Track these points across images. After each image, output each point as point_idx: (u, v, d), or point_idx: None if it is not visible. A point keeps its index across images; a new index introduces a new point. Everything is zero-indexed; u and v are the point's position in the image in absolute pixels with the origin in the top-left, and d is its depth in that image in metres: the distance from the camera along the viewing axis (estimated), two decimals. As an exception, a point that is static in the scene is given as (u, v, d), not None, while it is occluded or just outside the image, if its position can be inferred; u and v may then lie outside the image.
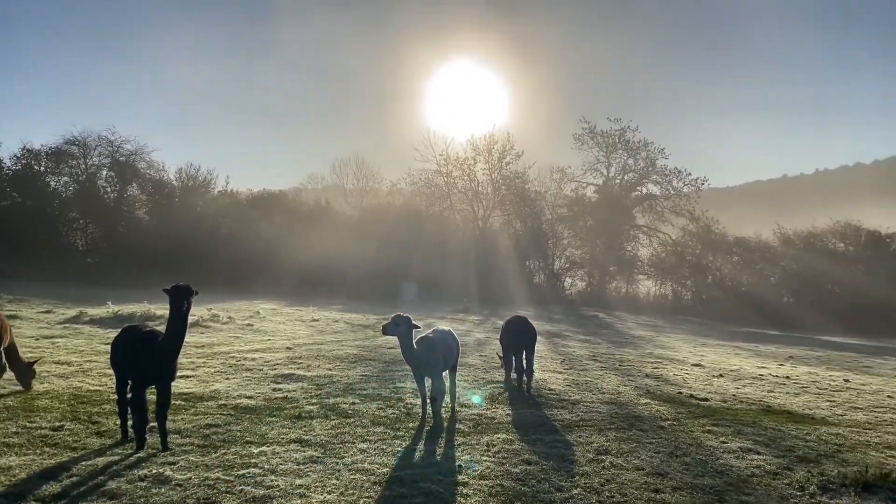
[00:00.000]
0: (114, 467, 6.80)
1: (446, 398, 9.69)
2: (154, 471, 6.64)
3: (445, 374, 9.64)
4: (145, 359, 7.42)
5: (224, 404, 9.85)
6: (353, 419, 9.23)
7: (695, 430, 9.43)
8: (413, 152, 50.61)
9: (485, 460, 7.53)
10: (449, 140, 50.58)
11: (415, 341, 9.01)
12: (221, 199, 49.94)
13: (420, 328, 9.29)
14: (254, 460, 7.14)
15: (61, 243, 45.07)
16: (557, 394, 11.81)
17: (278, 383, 11.64)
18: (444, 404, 9.51)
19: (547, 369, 14.56)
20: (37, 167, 46.42)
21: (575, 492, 6.60)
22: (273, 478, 6.61)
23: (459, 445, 8.15)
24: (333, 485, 6.50)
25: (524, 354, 12.01)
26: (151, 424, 7.71)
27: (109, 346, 8.24)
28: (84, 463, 6.88)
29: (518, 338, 12.12)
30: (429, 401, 9.26)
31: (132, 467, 6.80)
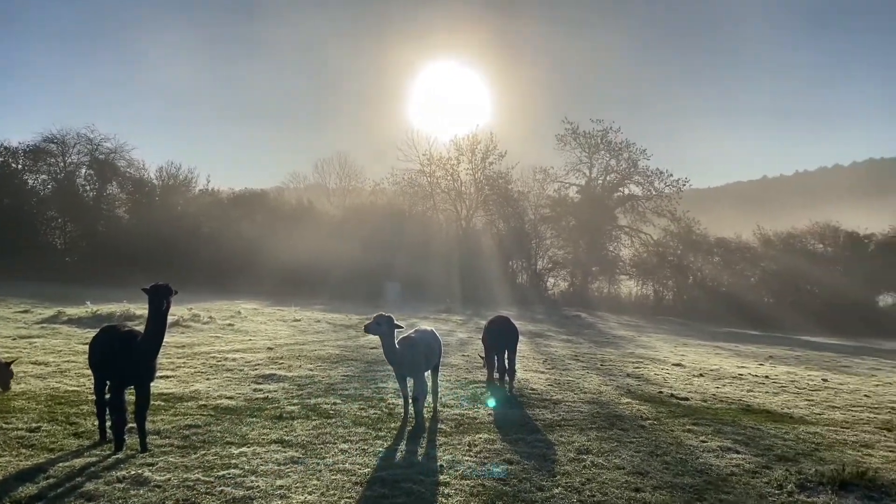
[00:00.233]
0: (91, 469, 6.74)
1: (428, 398, 9.70)
2: (133, 472, 6.58)
3: (428, 374, 9.64)
4: (124, 359, 7.34)
5: (204, 405, 9.79)
6: (334, 419, 9.20)
7: (675, 430, 9.49)
8: (396, 152, 50.54)
9: (466, 460, 7.54)
10: (432, 140, 50.70)
11: (397, 341, 9.00)
12: (202, 198, 49.68)
13: (403, 328, 9.29)
14: (234, 461, 7.09)
15: (39, 242, 44.61)
16: (539, 393, 11.84)
17: (259, 384, 11.58)
18: (426, 404, 9.51)
19: (529, 369, 14.60)
20: (14, 165, 45.95)
21: (556, 491, 6.62)
22: (253, 479, 6.58)
23: (441, 445, 8.15)
24: (314, 485, 6.48)
25: (506, 354, 12.04)
26: (130, 425, 7.64)
27: (88, 347, 8.14)
28: (61, 464, 6.80)
29: (500, 338, 12.14)
30: (411, 401, 9.25)
31: (110, 468, 6.74)
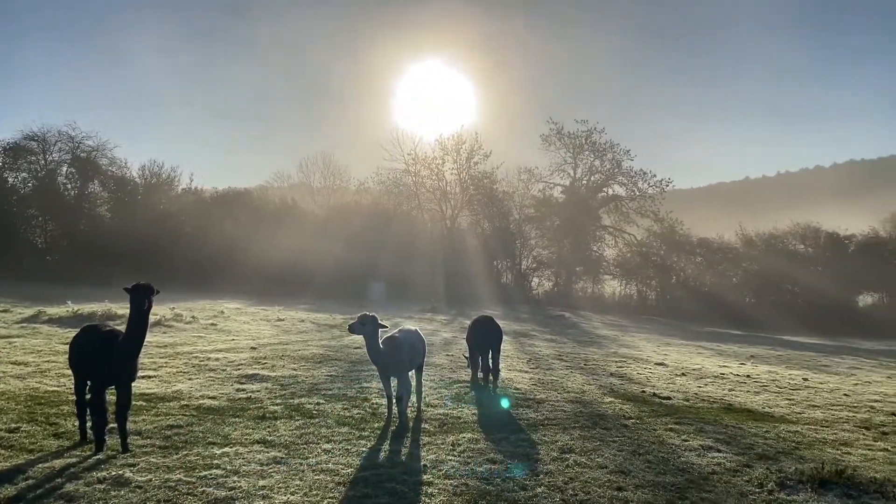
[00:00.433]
0: (71, 469, 6.68)
1: (412, 398, 9.69)
2: (113, 473, 6.53)
3: (412, 373, 9.64)
4: (105, 359, 7.28)
5: (186, 405, 9.73)
6: (317, 419, 9.18)
7: (657, 429, 9.56)
8: (381, 151, 50.43)
9: (450, 459, 7.54)
10: (417, 139, 50.68)
11: (381, 341, 8.99)
12: (185, 197, 49.33)
13: (387, 328, 9.28)
14: (216, 461, 7.06)
15: (19, 241, 44.07)
16: (523, 393, 11.88)
17: (242, 383, 11.52)
18: (410, 404, 9.51)
19: (513, 368, 14.64)
20: (-6, 163, 45.35)
21: (539, 490, 6.65)
22: (236, 479, 6.55)
23: (425, 445, 8.15)
24: (297, 485, 6.46)
25: (490, 354, 12.06)
26: (111, 426, 7.57)
27: (68, 346, 8.07)
28: (41, 465, 6.74)
29: (484, 337, 12.15)
30: (395, 401, 9.24)
31: (91, 469, 6.68)
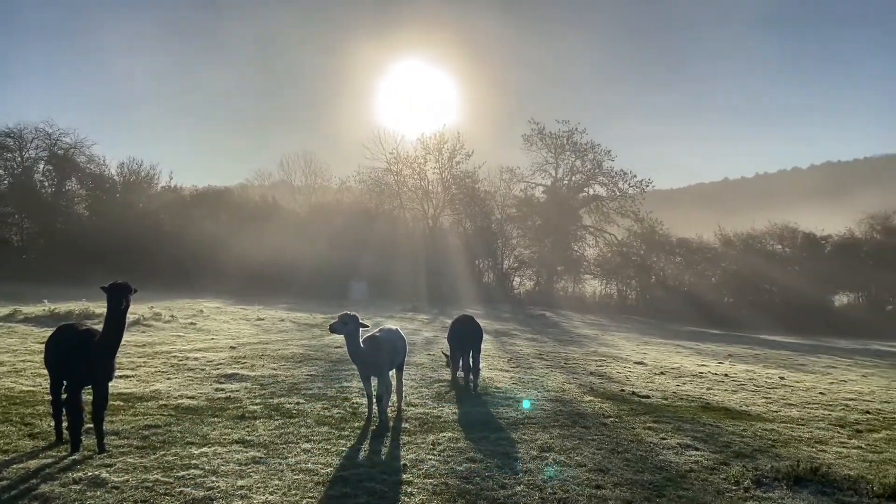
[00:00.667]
0: (47, 470, 6.60)
1: (393, 397, 9.69)
2: (89, 473, 6.47)
3: (392, 373, 9.63)
4: (81, 358, 7.21)
5: (165, 405, 9.66)
6: (297, 419, 9.15)
7: (636, 427, 9.63)
8: (363, 150, 50.24)
9: (430, 459, 7.55)
10: (399, 138, 50.41)
11: (361, 340, 8.98)
12: (165, 195, 48.92)
13: (368, 327, 9.26)
14: (194, 461, 7.01)
15: (-6, 239, 43.44)
16: (503, 392, 11.92)
17: (221, 383, 11.45)
18: (390, 403, 9.50)
19: (494, 368, 14.67)
20: (-32, 160, 44.67)
21: (518, 489, 6.67)
22: (214, 479, 6.51)
23: (405, 444, 8.16)
24: (276, 485, 6.44)
25: (471, 353, 12.09)
26: (88, 426, 7.50)
27: (44, 346, 7.97)
28: (15, 466, 6.66)
29: (465, 337, 12.19)
30: (375, 400, 9.23)
31: (66, 470, 6.62)
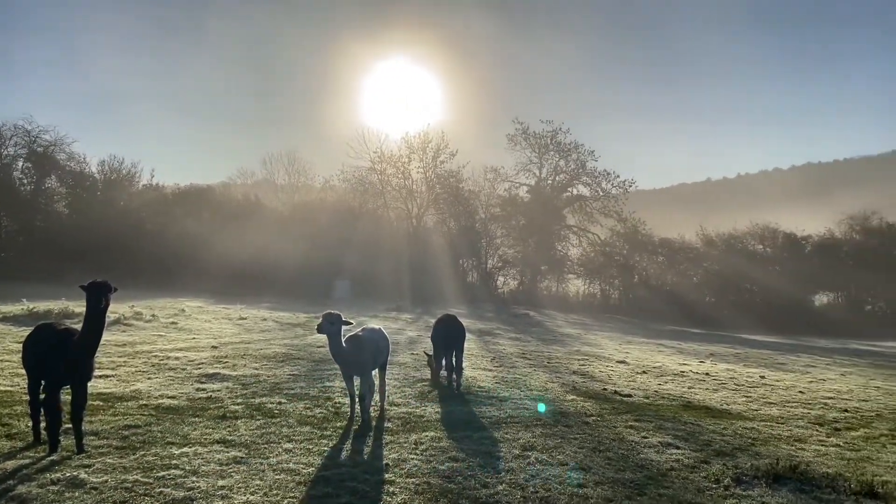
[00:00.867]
0: (24, 471, 6.52)
1: (375, 397, 9.66)
2: (68, 474, 6.40)
3: (375, 372, 9.61)
4: (59, 358, 7.13)
5: (145, 404, 9.58)
6: (279, 419, 9.11)
7: (618, 426, 9.68)
8: (347, 149, 50.09)
9: (412, 458, 7.54)
10: (383, 137, 50.30)
11: (344, 339, 8.95)
12: (146, 194, 48.49)
13: (352, 324, 9.24)
14: (175, 462, 6.96)
15: (-28, 237, 42.89)
16: (486, 391, 11.93)
17: (202, 383, 11.37)
18: (373, 403, 9.48)
19: (477, 367, 14.69)
20: (-55, 156, 44.01)
21: (500, 488, 6.68)
22: (194, 479, 6.46)
23: (388, 444, 8.14)
24: (257, 485, 6.40)
25: (454, 353, 12.09)
26: (66, 426, 7.41)
27: (22, 345, 7.87)
28: (-8, 467, 6.57)
29: (448, 336, 12.18)
30: (357, 399, 9.20)
31: (44, 471, 6.54)
